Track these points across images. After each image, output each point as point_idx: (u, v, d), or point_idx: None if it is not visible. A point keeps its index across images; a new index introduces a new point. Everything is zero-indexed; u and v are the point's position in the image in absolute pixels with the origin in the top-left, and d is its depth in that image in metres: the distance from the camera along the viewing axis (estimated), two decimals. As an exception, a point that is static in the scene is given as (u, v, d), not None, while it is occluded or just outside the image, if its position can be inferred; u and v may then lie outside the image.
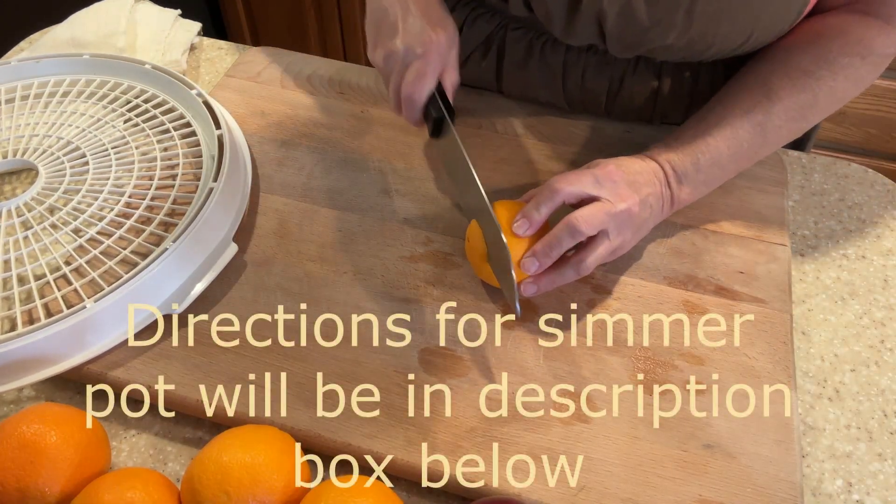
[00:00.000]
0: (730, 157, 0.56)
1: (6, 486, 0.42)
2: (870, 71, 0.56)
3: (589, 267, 0.51)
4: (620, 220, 0.51)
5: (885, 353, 0.55)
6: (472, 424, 0.48)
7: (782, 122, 0.55)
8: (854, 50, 0.54)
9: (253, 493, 0.41)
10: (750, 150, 0.56)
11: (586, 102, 0.68)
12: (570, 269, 0.52)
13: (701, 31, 0.54)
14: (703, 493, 0.45)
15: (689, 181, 0.55)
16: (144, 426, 0.50)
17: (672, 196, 0.55)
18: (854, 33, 0.55)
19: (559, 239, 0.50)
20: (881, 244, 0.62)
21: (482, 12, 0.69)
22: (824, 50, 0.55)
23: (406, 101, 0.54)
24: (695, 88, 0.65)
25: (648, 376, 0.51)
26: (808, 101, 0.55)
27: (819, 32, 0.56)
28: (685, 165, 0.55)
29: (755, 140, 0.56)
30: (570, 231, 0.50)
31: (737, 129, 0.55)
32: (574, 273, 0.52)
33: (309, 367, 0.51)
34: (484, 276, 0.55)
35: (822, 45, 0.55)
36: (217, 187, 0.57)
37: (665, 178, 0.55)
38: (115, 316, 0.51)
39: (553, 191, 0.51)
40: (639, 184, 0.53)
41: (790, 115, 0.55)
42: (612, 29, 0.56)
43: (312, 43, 1.67)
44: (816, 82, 0.54)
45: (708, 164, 0.55)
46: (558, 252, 0.51)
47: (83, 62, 0.70)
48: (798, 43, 0.56)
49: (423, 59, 0.53)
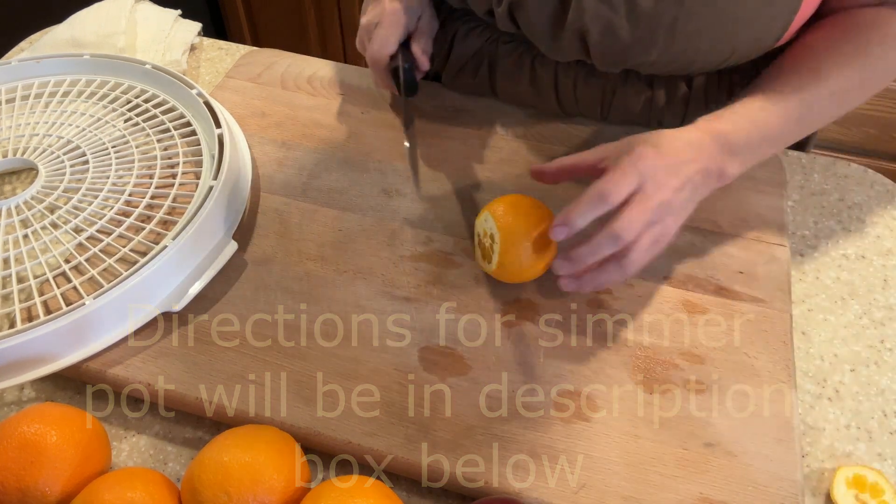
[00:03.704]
0: (779, 134, 0.55)
1: (7, 486, 0.41)
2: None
3: (634, 262, 0.48)
4: (661, 210, 0.49)
5: (884, 353, 0.55)
6: (473, 423, 0.48)
7: (828, 104, 0.56)
8: (887, 41, 0.55)
9: (253, 493, 0.41)
10: (797, 128, 0.56)
11: (581, 110, 0.69)
12: (613, 267, 0.49)
13: (682, 48, 0.54)
14: (704, 492, 0.45)
15: (741, 155, 0.53)
16: (144, 426, 0.50)
17: (720, 170, 0.53)
18: (887, 27, 0.56)
19: (601, 247, 0.47)
20: (881, 244, 0.62)
21: (473, 26, 0.69)
22: (861, 41, 0.56)
23: (371, 63, 0.63)
24: (689, 95, 0.65)
25: (649, 375, 0.51)
26: (850, 85, 0.56)
27: (857, 24, 0.56)
28: (739, 138, 0.53)
29: (803, 119, 0.55)
30: (614, 239, 0.47)
31: (789, 106, 0.54)
32: (619, 271, 0.49)
33: (309, 366, 0.51)
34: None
35: (859, 36, 0.56)
36: (217, 186, 0.57)
37: (716, 151, 0.52)
38: (115, 314, 0.51)
39: (605, 202, 0.47)
40: (679, 164, 0.50)
41: (835, 97, 0.56)
42: (595, 46, 0.56)
43: (312, 44, 1.67)
44: (857, 69, 0.55)
45: (759, 139, 0.54)
46: (597, 258, 0.48)
47: (83, 62, 0.70)
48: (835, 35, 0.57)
49: (380, 25, 0.61)
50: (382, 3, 0.63)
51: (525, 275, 0.53)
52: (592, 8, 0.54)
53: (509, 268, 0.53)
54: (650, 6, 0.52)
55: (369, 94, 0.71)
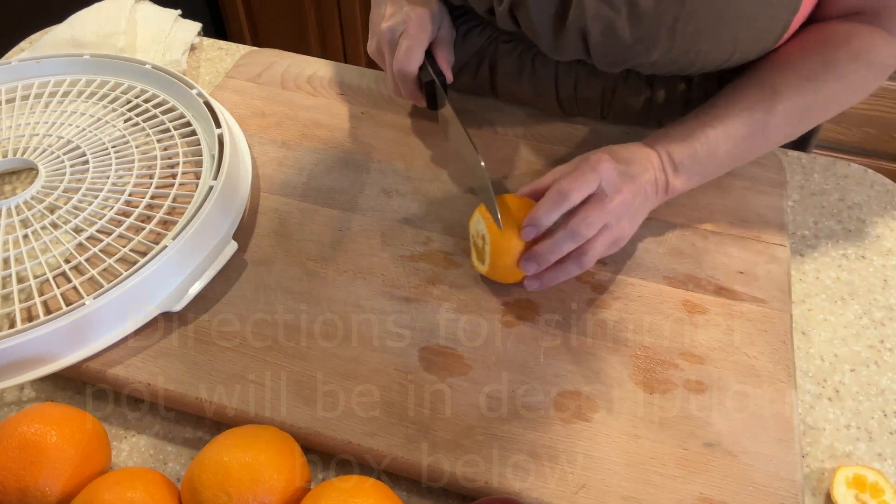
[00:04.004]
0: (727, 152, 0.56)
1: (7, 486, 0.41)
2: (872, 79, 0.56)
3: (591, 260, 0.52)
4: (618, 212, 0.52)
5: (884, 353, 0.55)
6: (473, 423, 0.48)
7: (782, 122, 0.56)
8: (858, 57, 0.55)
9: (253, 493, 0.41)
10: (748, 147, 0.57)
11: (581, 110, 0.69)
12: (572, 264, 0.52)
13: (684, 49, 0.55)
14: (704, 492, 0.45)
15: (685, 170, 0.56)
16: (144, 426, 0.50)
17: (666, 183, 0.56)
18: (859, 42, 0.55)
19: (560, 244, 0.51)
20: (881, 244, 0.62)
21: (474, 25, 0.69)
22: (829, 56, 0.55)
23: (399, 76, 0.58)
24: (689, 95, 0.65)
25: (649, 375, 0.51)
26: (810, 103, 0.56)
27: (825, 39, 0.56)
28: (682, 155, 0.55)
29: (754, 137, 0.56)
30: (572, 236, 0.50)
31: (737, 125, 0.55)
32: (577, 267, 0.52)
33: (309, 366, 0.51)
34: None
35: (827, 51, 0.55)
36: (217, 186, 0.57)
37: (661, 165, 0.55)
38: (115, 314, 0.51)
39: (565, 199, 0.50)
40: (632, 172, 0.53)
41: (791, 115, 0.56)
42: (596, 46, 0.57)
43: (312, 43, 1.67)
44: (820, 86, 0.55)
45: (704, 156, 0.55)
46: (558, 256, 0.51)
47: (83, 62, 0.70)
48: (804, 48, 0.57)
49: (405, 34, 0.58)
50: (403, 8, 0.59)
51: (518, 275, 0.53)
52: (593, 8, 0.54)
53: (501, 268, 0.53)
54: (651, 7, 0.52)
55: (369, 94, 0.71)
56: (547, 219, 0.51)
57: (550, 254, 0.51)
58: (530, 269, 0.51)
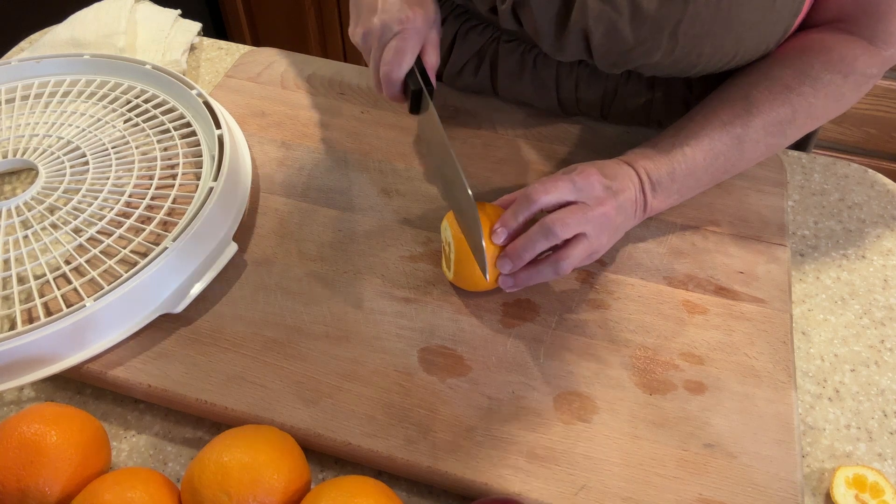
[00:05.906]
0: (705, 169, 0.56)
1: (7, 486, 0.42)
2: (852, 89, 0.56)
3: (566, 268, 0.51)
4: (598, 224, 0.52)
5: (884, 353, 0.55)
6: (473, 424, 0.48)
7: (760, 137, 0.56)
8: (837, 68, 0.55)
9: (253, 493, 0.41)
10: (726, 163, 0.57)
11: (582, 110, 0.69)
12: (547, 267, 0.52)
13: (686, 51, 0.55)
14: (704, 493, 0.45)
15: (663, 190, 0.56)
16: (144, 426, 0.50)
17: (645, 202, 0.56)
18: (838, 51, 0.55)
19: (533, 241, 0.50)
20: (881, 244, 0.62)
21: (474, 24, 0.69)
22: (807, 66, 0.55)
23: (385, 79, 0.55)
24: (689, 96, 0.65)
25: (649, 376, 0.51)
26: (788, 116, 0.55)
27: (803, 48, 0.56)
28: (660, 174, 0.55)
29: (732, 153, 0.56)
30: (545, 233, 0.50)
31: (714, 141, 0.55)
32: (552, 272, 0.52)
33: (309, 367, 0.51)
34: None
35: (805, 60, 0.55)
36: (217, 187, 0.57)
37: (640, 184, 0.55)
38: (115, 315, 0.51)
39: (531, 200, 0.51)
40: (615, 188, 0.53)
41: (768, 129, 0.56)
42: (598, 46, 0.57)
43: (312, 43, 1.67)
44: (797, 98, 0.55)
45: (683, 175, 0.56)
46: (532, 254, 0.51)
47: (83, 62, 0.70)
48: (782, 58, 0.56)
49: (400, 37, 0.54)
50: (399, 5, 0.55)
51: (482, 283, 0.53)
52: (596, 9, 0.54)
53: (464, 276, 0.53)
54: (654, 9, 0.52)
55: (369, 94, 0.71)
56: (514, 220, 0.51)
57: (524, 251, 0.51)
58: (505, 268, 0.51)
